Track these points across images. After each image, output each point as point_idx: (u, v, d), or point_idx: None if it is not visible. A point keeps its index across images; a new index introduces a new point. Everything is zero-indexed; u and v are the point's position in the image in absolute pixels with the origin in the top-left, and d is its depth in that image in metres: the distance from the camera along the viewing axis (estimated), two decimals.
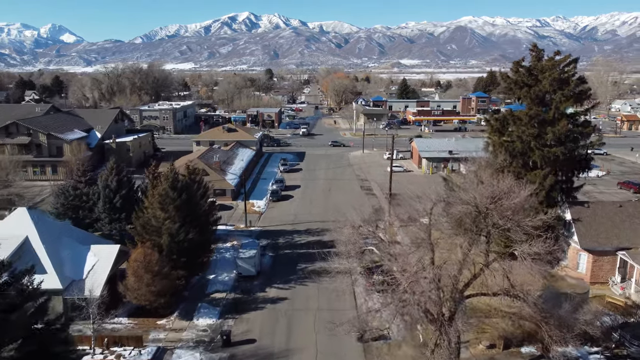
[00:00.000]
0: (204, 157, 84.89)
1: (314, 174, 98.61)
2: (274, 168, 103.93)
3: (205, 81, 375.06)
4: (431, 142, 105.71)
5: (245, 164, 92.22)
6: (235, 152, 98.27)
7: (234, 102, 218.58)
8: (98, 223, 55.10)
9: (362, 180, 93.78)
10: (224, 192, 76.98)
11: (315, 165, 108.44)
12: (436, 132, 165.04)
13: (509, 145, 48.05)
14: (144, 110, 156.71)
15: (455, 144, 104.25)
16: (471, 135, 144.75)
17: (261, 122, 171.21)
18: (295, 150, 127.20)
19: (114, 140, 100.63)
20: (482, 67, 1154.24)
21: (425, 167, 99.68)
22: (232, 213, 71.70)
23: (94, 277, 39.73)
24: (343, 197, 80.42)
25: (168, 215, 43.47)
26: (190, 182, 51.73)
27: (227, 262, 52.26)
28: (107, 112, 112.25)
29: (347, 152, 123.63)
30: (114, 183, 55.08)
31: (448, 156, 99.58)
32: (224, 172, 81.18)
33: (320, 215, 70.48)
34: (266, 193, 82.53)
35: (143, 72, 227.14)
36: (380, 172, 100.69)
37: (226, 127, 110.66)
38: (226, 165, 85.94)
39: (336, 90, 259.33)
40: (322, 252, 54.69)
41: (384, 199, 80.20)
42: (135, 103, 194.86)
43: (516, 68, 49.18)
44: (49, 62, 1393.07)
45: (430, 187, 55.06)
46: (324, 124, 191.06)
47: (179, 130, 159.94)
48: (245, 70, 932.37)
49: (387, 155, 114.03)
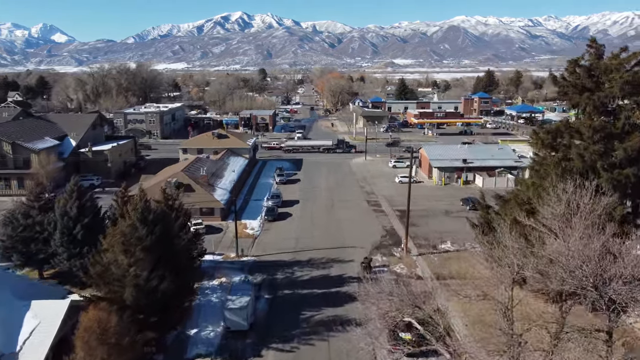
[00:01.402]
0: (190, 169, 74.70)
1: (313, 186, 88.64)
2: (269, 179, 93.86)
3: (197, 81, 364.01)
4: (442, 150, 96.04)
5: (236, 176, 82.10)
6: (226, 162, 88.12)
7: (226, 103, 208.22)
8: (54, 259, 45.00)
9: (368, 193, 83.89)
10: (212, 211, 66.87)
11: (314, 174, 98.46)
12: (440, 135, 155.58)
13: (564, 164, 38.34)
14: (128, 114, 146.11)
15: (469, 152, 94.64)
16: (480, 139, 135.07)
17: (254, 125, 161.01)
18: (291, 157, 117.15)
19: (90, 149, 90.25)
20: (475, 66, 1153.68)
21: (437, 177, 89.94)
22: (221, 237, 61.58)
23: (32, 348, 29.64)
24: (348, 214, 70.51)
25: (134, 260, 33.42)
26: (166, 209, 41.71)
27: (213, 309, 42.18)
28: (84, 117, 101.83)
29: (348, 159, 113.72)
30: (74, 209, 44.96)
31: (462, 165, 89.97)
32: (213, 188, 71.03)
33: (324, 238, 60.55)
34: (261, 210, 72.50)
35: (130, 72, 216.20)
36: (387, 183, 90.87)
37: (216, 133, 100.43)
38: (215, 178, 75.77)
39: (332, 91, 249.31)
40: (330, 293, 45.42)
41: (395, 216, 70.37)
42: (122, 105, 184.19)
43: (572, 68, 39.54)
44: (40, 62, 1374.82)
45: (448, 203, 45.63)
46: (320, 127, 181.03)
47: (167, 134, 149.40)
48: (238, 70, 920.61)
49: (393, 163, 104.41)
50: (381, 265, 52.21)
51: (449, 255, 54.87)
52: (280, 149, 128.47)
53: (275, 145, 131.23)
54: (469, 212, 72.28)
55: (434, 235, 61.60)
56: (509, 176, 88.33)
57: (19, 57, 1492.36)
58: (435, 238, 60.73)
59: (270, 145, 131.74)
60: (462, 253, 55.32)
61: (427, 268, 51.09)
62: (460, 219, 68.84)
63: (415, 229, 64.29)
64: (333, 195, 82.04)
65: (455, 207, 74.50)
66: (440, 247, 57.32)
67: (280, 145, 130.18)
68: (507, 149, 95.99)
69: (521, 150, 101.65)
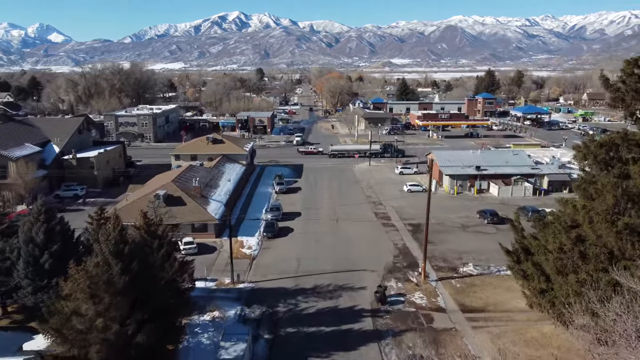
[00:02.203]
0: (181, 179, 68.17)
1: (315, 196, 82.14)
2: (267, 187, 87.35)
3: (194, 82, 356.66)
4: (453, 155, 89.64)
5: (232, 186, 75.55)
6: (221, 170, 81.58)
7: (223, 104, 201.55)
8: (18, 292, 38.50)
9: (375, 203, 77.43)
10: (205, 227, 60.35)
11: (316, 182, 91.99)
12: (445, 138, 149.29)
13: (624, 184, 31.98)
14: (119, 116, 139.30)
15: (482, 158, 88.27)
16: (491, 142, 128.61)
17: (252, 127, 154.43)
18: (291, 162, 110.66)
19: (75, 156, 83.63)
20: (472, 66, 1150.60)
21: (449, 185, 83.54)
22: (215, 258, 55.08)
23: None
24: (355, 230, 64.03)
25: (103, 308, 26.94)
26: (148, 237, 35.27)
27: (203, 355, 35.68)
28: (69, 120, 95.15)
29: (352, 165, 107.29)
30: (41, 235, 38.43)
31: (475, 173, 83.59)
32: (206, 200, 64.49)
33: (330, 259, 54.09)
34: (259, 225, 66.02)
35: (123, 72, 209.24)
36: (394, 192, 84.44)
37: (211, 138, 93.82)
38: (209, 189, 69.23)
39: (332, 91, 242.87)
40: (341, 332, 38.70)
41: (407, 231, 63.96)
42: (115, 106, 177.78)
43: (631, 69, 33.10)
44: (37, 62, 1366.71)
45: (463, 215, 39.60)
46: (320, 129, 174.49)
47: (160, 137, 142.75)
48: (235, 70, 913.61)
49: (400, 169, 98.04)
50: (397, 293, 45.76)
51: (473, 280, 48.46)
52: (317, 153, 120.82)
53: (312, 150, 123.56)
54: (487, 225, 66.09)
55: (452, 256, 55.21)
56: (526, 185, 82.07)
57: (15, 57, 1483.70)
58: (455, 259, 54.36)
59: (307, 150, 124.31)
60: (487, 278, 49.00)
61: (450, 298, 44.67)
62: (479, 234, 62.61)
63: (431, 247, 57.82)
64: (337, 206, 75.56)
65: (471, 220, 68.13)
66: (462, 270, 50.93)
67: (318, 150, 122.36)
68: (523, 154, 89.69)
69: (536, 155, 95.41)
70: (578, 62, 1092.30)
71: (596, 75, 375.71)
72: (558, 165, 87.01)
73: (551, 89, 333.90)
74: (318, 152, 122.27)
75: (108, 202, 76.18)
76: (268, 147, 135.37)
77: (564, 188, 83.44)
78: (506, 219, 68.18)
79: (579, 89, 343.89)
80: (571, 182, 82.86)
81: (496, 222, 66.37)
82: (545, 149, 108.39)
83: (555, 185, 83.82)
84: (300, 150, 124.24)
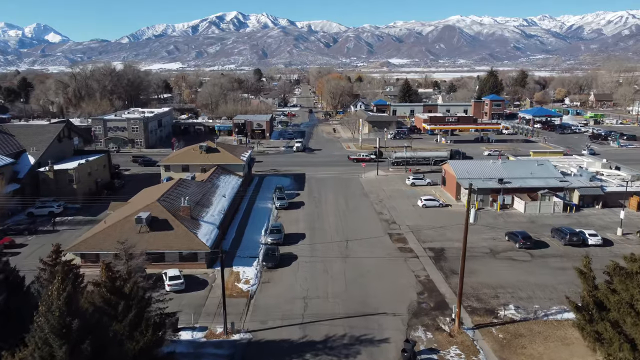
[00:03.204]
0: (169, 197, 59.61)
1: (320, 212, 73.55)
2: (267, 202, 78.78)
3: (191, 82, 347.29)
4: (472, 166, 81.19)
5: (227, 203, 67.02)
6: (215, 184, 73.04)
7: (219, 107, 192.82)
8: None
9: (388, 222, 68.92)
10: (194, 256, 51.79)
11: (320, 195, 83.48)
12: (454, 143, 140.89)
13: None
14: (108, 120, 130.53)
15: (504, 169, 79.85)
16: (505, 149, 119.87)
17: (250, 132, 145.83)
18: (291, 171, 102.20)
19: (51, 168, 74.99)
20: (470, 66, 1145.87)
21: None
22: (205, 296, 46.50)
23: None
24: (368, 256, 55.48)
25: None
26: (111, 298, 26.78)
27: None
28: (48, 127, 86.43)
29: (357, 174, 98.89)
30: None
31: (498, 186, 75.14)
32: (197, 223, 55.92)
33: (342, 298, 45.60)
34: (257, 249, 57.59)
35: (115, 73, 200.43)
36: (408, 207, 75.97)
37: (204, 146, 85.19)
38: (200, 208, 60.67)
39: (332, 92, 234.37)
40: None
41: (428, 258, 55.51)
42: (106, 109, 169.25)
43: None
44: (34, 62, 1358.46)
45: (489, 237, 30.90)
46: (321, 133, 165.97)
47: (152, 143, 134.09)
48: (233, 70, 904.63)
49: (411, 180, 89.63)
50: (427, 348, 37.32)
51: (517, 328, 39.99)
52: (370, 161, 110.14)
53: (364, 157, 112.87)
54: (519, 250, 57.67)
55: (486, 292, 46.76)
56: (555, 200, 73.63)
57: (12, 57, 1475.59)
58: (490, 297, 45.91)
59: (358, 156, 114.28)
60: (533, 325, 40.60)
61: (494, 356, 36.16)
62: (512, 263, 54.20)
63: (458, 279, 49.45)
64: (346, 225, 67.07)
65: (500, 244, 59.68)
66: (502, 314, 42.43)
67: (371, 157, 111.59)
68: (548, 164, 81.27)
69: (560, 165, 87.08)
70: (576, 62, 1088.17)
71: (601, 75, 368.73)
72: (589, 177, 78.61)
73: (556, 90, 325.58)
74: (370, 160, 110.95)
75: (88, 221, 67.86)
76: (267, 153, 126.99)
77: (596, 203, 75.11)
78: (540, 241, 60.03)
79: (584, 90, 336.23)
80: (604, 196, 74.69)
81: (529, 246, 57.98)
82: (568, 157, 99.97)
83: (587, 200, 75.42)
84: (351, 158, 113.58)
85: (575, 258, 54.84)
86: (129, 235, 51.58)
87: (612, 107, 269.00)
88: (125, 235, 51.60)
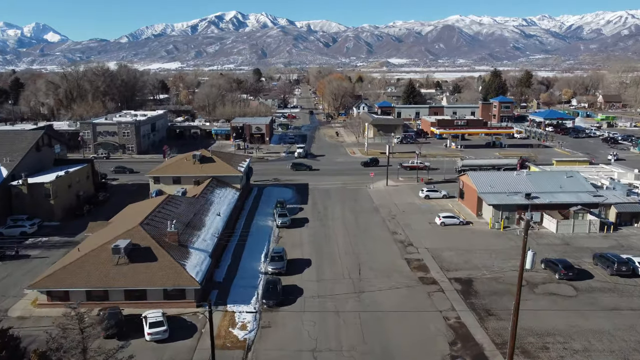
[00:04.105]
0: (154, 219, 51.58)
1: (327, 232, 65.48)
2: (266, 218, 70.74)
3: (189, 82, 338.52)
4: (494, 178, 73.12)
5: (222, 223, 58.99)
6: (210, 199, 65.03)
7: (217, 109, 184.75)
8: None
9: (404, 243, 60.94)
10: (182, 293, 43.78)
11: (326, 210, 75.46)
12: (465, 148, 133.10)
13: None
14: (98, 124, 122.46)
15: (530, 182, 71.89)
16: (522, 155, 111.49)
17: (249, 136, 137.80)
18: (293, 180, 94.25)
19: (26, 181, 66.96)
20: (470, 66, 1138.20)
21: (493, 218, 67.06)
22: (193, 347, 38.43)
23: None
24: (386, 290, 47.54)
25: None
26: None
27: None
28: (25, 134, 78.22)
29: (365, 185, 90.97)
30: None
31: (525, 202, 67.17)
32: (185, 251, 47.88)
33: (359, 350, 37.60)
34: (257, 280, 49.66)
35: (108, 74, 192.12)
36: (424, 224, 68.00)
37: (198, 155, 77.10)
38: (191, 231, 52.62)
39: (334, 94, 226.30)
40: None
41: (455, 293, 47.51)
42: (99, 111, 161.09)
43: None
44: (33, 61, 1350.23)
45: None
46: (323, 137, 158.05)
47: (145, 148, 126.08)
48: (232, 69, 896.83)
49: (425, 193, 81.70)
50: None
51: None
52: (424, 168, 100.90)
53: (418, 165, 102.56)
54: (561, 283, 49.71)
55: (533, 342, 38.77)
56: (590, 218, 65.68)
57: (11, 56, 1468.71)
58: (538, 348, 37.98)
59: (411, 164, 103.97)
60: None
61: None
62: (554, 299, 46.31)
63: (496, 322, 41.58)
64: (357, 248, 59.11)
65: (537, 274, 51.64)
66: None
67: (425, 165, 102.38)
68: (579, 176, 73.32)
69: (590, 176, 79.02)
70: (576, 62, 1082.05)
71: (608, 76, 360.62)
72: (624, 191, 70.67)
73: (562, 91, 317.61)
74: (424, 168, 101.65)
75: (64, 243, 59.90)
76: (267, 159, 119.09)
77: (636, 221, 67.21)
78: (582, 270, 52.07)
79: (589, 91, 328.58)
80: None
81: (572, 277, 50.03)
82: (594, 167, 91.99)
83: (624, 218, 67.50)
84: (405, 166, 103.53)
85: (628, 293, 46.99)
86: (105, 269, 43.71)
87: (622, 109, 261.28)
88: (101, 269, 43.76)
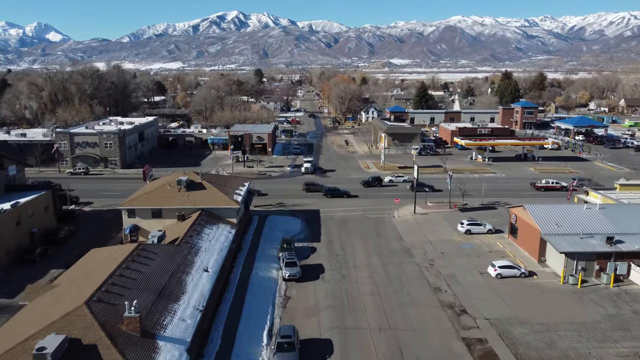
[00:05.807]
0: (111, 289, 35.86)
1: (350, 290, 49.53)
2: (270, 266, 55.05)
3: (188, 83, 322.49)
4: (559, 213, 57.38)
5: (211, 285, 43.19)
6: (196, 246, 49.32)
7: (214, 114, 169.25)
8: None
9: (454, 310, 45.22)
10: None
11: (345, 252, 59.74)
12: (493, 161, 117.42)
13: None
14: (76, 134, 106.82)
15: (607, 219, 56.14)
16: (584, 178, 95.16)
17: (248, 146, 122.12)
18: (301, 206, 78.61)
19: None
20: (472, 66, 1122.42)
21: (566, 270, 51.35)
22: None
23: None
24: None
25: None
26: None
27: None
28: None
29: (388, 212, 75.32)
30: None
31: (608, 249, 51.47)
32: (150, 348, 32.17)
33: None
34: None
35: (96, 75, 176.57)
36: (475, 276, 52.23)
37: (184, 181, 61.53)
38: (163, 306, 36.88)
39: (341, 97, 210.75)
40: None
41: None
42: (85, 116, 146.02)
43: None
44: (34, 61, 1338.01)
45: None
46: (332, 146, 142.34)
47: (130, 162, 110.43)
48: (234, 69, 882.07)
49: (466, 227, 65.96)
50: None
51: None
52: (561, 189, 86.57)
53: (554, 185, 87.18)
54: None
55: None
56: None
57: (13, 56, 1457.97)
58: None
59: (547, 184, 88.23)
60: None
61: None
62: None
63: None
64: (393, 321, 43.36)
65: None
66: None
67: (562, 186, 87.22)
68: None
69: None
70: (579, 63, 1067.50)
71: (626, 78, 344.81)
72: None
73: (579, 94, 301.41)
74: (562, 188, 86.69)
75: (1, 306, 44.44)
76: (269, 175, 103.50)
77: None
78: None
79: (605, 93, 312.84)
80: None
81: None
82: None
83: None
84: (538, 186, 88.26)
85: None
86: None
87: None
88: None
